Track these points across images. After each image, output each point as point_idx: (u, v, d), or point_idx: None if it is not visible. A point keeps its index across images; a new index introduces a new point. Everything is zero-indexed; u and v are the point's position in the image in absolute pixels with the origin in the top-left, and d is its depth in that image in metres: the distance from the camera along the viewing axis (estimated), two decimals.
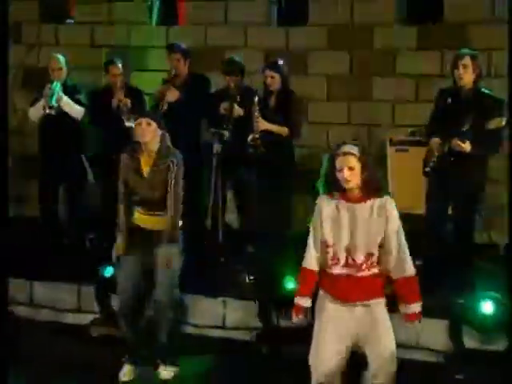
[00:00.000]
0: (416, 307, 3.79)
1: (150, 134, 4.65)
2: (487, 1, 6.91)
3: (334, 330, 3.81)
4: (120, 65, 6.63)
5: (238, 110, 6.30)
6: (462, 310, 4.95)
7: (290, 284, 5.13)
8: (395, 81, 7.16)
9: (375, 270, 3.76)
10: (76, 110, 6.61)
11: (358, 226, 3.73)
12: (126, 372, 4.88)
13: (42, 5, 8.19)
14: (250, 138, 6.10)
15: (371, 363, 3.79)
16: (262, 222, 6.35)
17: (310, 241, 3.90)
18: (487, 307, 4.88)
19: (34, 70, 8.02)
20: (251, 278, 5.81)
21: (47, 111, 6.45)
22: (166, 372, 4.86)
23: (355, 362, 3.96)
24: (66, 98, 6.52)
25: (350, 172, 3.68)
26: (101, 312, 5.68)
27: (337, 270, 3.79)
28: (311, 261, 3.88)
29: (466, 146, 5.07)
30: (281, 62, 6.21)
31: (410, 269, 3.78)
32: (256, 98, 6.09)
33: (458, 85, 5.35)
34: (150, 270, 4.81)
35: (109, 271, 5.51)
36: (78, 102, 6.63)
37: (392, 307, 3.88)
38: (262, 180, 6.35)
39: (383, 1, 7.14)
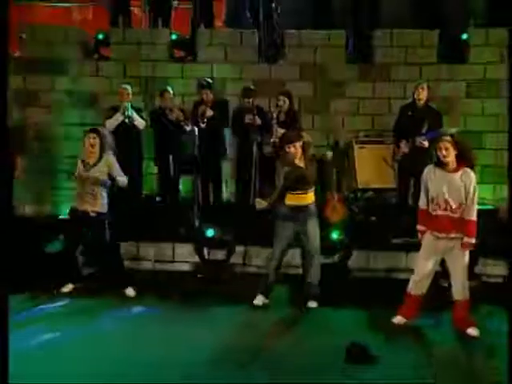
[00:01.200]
0: (467, 240, 5.73)
1: (299, 153, 6.52)
2: (402, 52, 9.55)
3: (429, 251, 5.93)
4: (172, 91, 8.66)
5: (257, 120, 8.46)
6: None
7: (335, 235, 7.44)
8: (345, 101, 9.63)
9: (466, 217, 5.76)
10: (141, 123, 8.62)
11: (452, 188, 5.71)
12: (260, 300, 6.73)
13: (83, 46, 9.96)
14: (271, 140, 8.31)
15: (451, 274, 5.91)
16: None
17: (422, 193, 5.97)
18: None
19: (76, 94, 9.82)
20: None
21: (127, 121, 8.42)
22: (313, 302, 6.70)
23: None
24: (135, 114, 8.50)
25: (446, 152, 5.68)
26: (201, 260, 7.76)
27: (438, 212, 5.82)
28: (423, 203, 5.96)
29: (426, 144, 7.66)
30: (289, 91, 8.52)
31: (471, 215, 5.74)
32: (274, 115, 8.34)
33: (416, 101, 7.97)
34: (298, 233, 6.61)
35: (211, 232, 7.58)
36: (140, 117, 8.60)
37: None
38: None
39: (336, 48, 9.58)
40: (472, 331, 5.92)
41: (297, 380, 5.05)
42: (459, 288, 5.96)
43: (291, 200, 6.64)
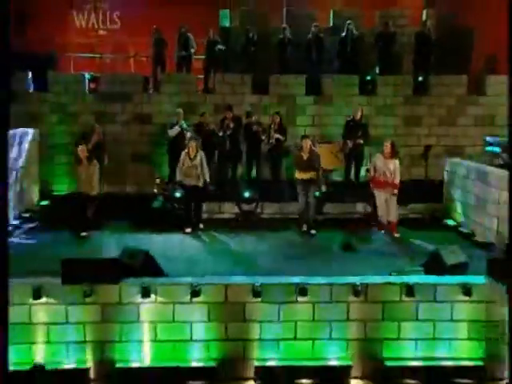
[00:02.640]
0: (396, 191, 10.26)
1: (309, 147, 10.49)
2: (339, 87, 13.75)
3: (379, 198, 10.28)
4: (207, 114, 12.48)
5: (260, 128, 12.39)
6: None
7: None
8: (305, 117, 13.72)
9: (394, 181, 10.24)
10: (189, 134, 12.29)
11: (388, 167, 10.11)
12: (305, 227, 10.68)
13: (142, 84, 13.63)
14: (270, 141, 12.28)
15: (389, 208, 10.27)
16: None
17: (371, 168, 10.31)
18: None
19: (139, 115, 13.44)
20: None
21: (184, 131, 12.08)
22: (313, 231, 10.55)
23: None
24: (187, 127, 12.25)
25: (387, 148, 10.12)
26: (240, 211, 11.64)
27: (380, 179, 10.20)
28: (372, 173, 10.28)
29: (361, 142, 11.89)
30: (279, 112, 12.50)
31: (397, 179, 10.23)
32: (272, 125, 12.30)
33: (354, 117, 12.12)
34: (307, 193, 10.52)
35: (247, 193, 11.46)
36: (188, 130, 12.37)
37: None
38: (273, 158, 12.52)
39: (298, 84, 13.66)
40: (397, 234, 10.33)
41: (319, 258, 9.16)
42: (393, 214, 10.38)
43: (299, 175, 10.71)
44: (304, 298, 7.32)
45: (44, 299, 7.17)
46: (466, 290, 7.28)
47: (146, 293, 7.25)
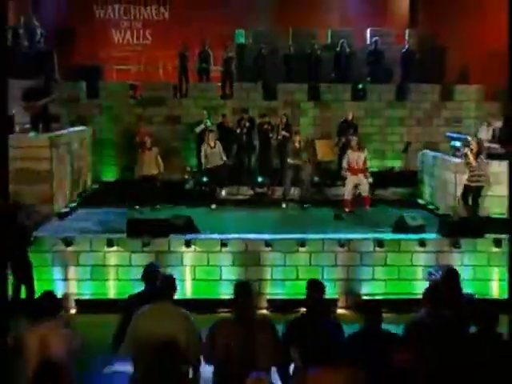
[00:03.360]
0: (367, 174, 12.57)
1: (298, 139, 12.95)
2: (334, 94, 16.05)
3: (349, 182, 12.44)
4: (227, 114, 14.79)
5: (268, 126, 14.65)
6: None
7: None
8: (307, 119, 15.98)
9: (363, 167, 12.48)
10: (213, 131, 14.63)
11: (359, 156, 12.35)
12: (284, 204, 13.15)
13: (172, 91, 15.94)
14: (278, 137, 14.57)
15: (360, 187, 12.52)
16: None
17: (344, 160, 12.56)
18: None
19: (171, 117, 15.74)
20: None
21: (208, 129, 14.35)
22: (307, 205, 12.96)
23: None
24: (210, 125, 14.56)
25: (354, 142, 12.44)
26: (254, 193, 13.92)
27: (354, 167, 12.38)
28: (345, 164, 12.49)
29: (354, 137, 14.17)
30: (286, 114, 14.78)
31: (366, 166, 12.50)
32: (280, 125, 14.58)
33: (347, 119, 14.38)
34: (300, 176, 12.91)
35: (260, 178, 13.76)
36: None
37: None
38: (280, 151, 14.71)
39: (301, 91, 15.93)
40: (368, 208, 12.56)
41: (314, 226, 11.46)
42: (366, 191, 12.58)
43: (292, 160, 12.96)
44: (303, 249, 9.64)
45: (114, 248, 9.53)
46: (422, 243, 9.60)
47: (187, 244, 9.58)
